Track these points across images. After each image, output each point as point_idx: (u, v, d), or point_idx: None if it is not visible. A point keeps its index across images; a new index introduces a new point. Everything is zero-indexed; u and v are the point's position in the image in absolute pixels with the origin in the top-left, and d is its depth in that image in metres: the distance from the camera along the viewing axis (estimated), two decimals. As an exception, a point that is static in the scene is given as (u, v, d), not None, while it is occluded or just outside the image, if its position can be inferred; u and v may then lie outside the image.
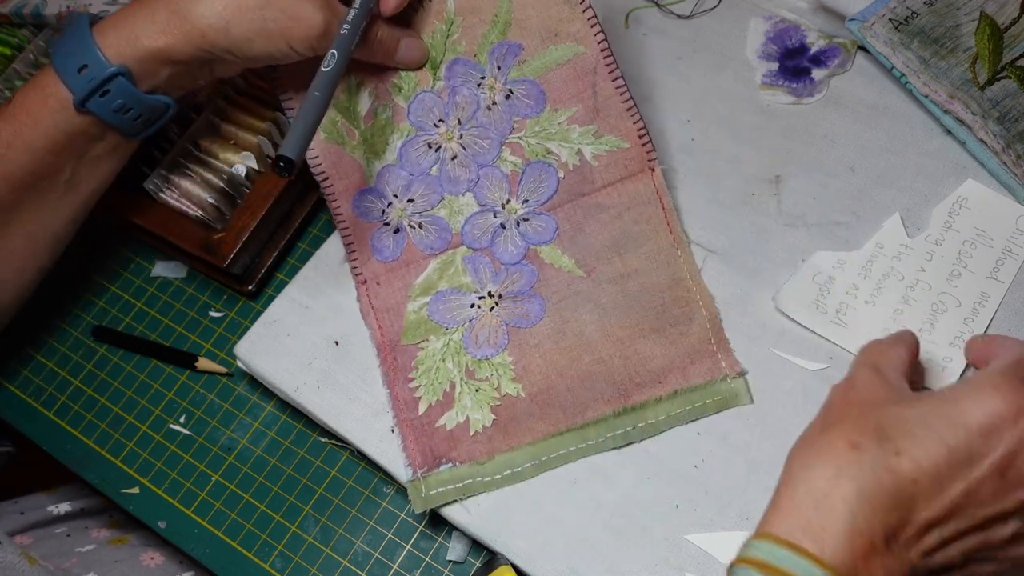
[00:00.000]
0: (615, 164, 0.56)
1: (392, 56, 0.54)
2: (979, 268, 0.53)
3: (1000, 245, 0.53)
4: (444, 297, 0.55)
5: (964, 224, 0.54)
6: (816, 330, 0.52)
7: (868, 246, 0.54)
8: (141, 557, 0.55)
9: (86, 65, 0.47)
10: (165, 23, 0.47)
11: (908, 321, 0.52)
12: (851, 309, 0.53)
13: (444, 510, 0.50)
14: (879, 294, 0.53)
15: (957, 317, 0.51)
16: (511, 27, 0.56)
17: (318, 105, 0.47)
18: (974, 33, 0.57)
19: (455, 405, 0.52)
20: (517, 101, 0.56)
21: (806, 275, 0.54)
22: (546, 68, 0.56)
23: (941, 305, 0.52)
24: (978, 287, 0.52)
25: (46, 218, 0.52)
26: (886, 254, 0.54)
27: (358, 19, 0.49)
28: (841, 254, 0.54)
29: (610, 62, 0.56)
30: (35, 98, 0.48)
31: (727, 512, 0.49)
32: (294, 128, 0.47)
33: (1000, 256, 0.53)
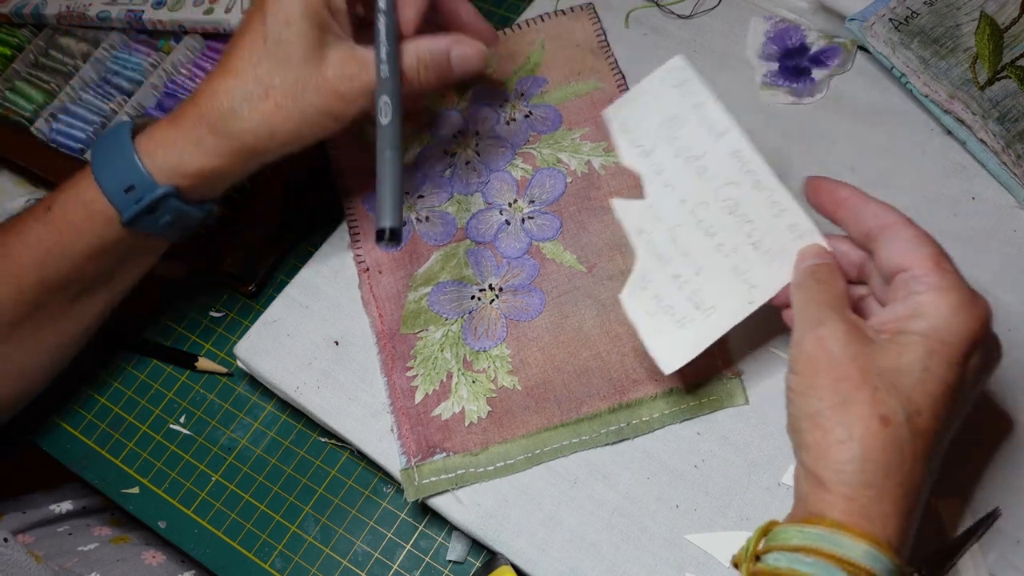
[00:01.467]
0: (623, 174, 0.57)
1: (449, 73, 0.49)
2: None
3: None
4: (445, 288, 0.55)
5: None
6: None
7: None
8: (143, 556, 0.55)
9: (133, 186, 0.46)
10: (212, 146, 0.46)
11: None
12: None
13: (443, 508, 0.50)
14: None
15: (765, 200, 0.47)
16: (540, 67, 0.62)
17: (394, 161, 0.44)
18: (974, 33, 0.57)
19: (451, 395, 0.52)
20: (535, 120, 0.60)
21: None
22: (565, 98, 0.61)
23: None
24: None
25: (78, 315, 0.51)
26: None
27: (391, 55, 0.46)
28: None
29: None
30: (76, 209, 0.47)
31: (727, 512, 0.49)
32: (380, 195, 0.44)
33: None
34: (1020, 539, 0.46)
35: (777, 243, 0.45)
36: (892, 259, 0.40)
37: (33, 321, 0.49)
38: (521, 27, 0.64)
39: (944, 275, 0.39)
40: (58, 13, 0.68)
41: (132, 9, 0.66)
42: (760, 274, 0.45)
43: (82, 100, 0.66)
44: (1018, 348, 0.51)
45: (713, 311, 0.46)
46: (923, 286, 0.39)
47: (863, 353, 0.38)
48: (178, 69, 0.65)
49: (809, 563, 0.36)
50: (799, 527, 0.37)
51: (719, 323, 0.46)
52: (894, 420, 0.37)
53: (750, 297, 0.45)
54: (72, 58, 0.68)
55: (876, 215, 0.41)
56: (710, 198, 0.47)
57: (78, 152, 0.63)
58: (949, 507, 0.47)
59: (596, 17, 0.64)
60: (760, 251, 0.46)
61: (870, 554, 0.35)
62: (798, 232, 0.45)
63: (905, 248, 0.40)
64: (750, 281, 0.46)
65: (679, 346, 0.46)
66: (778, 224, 0.45)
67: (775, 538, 0.38)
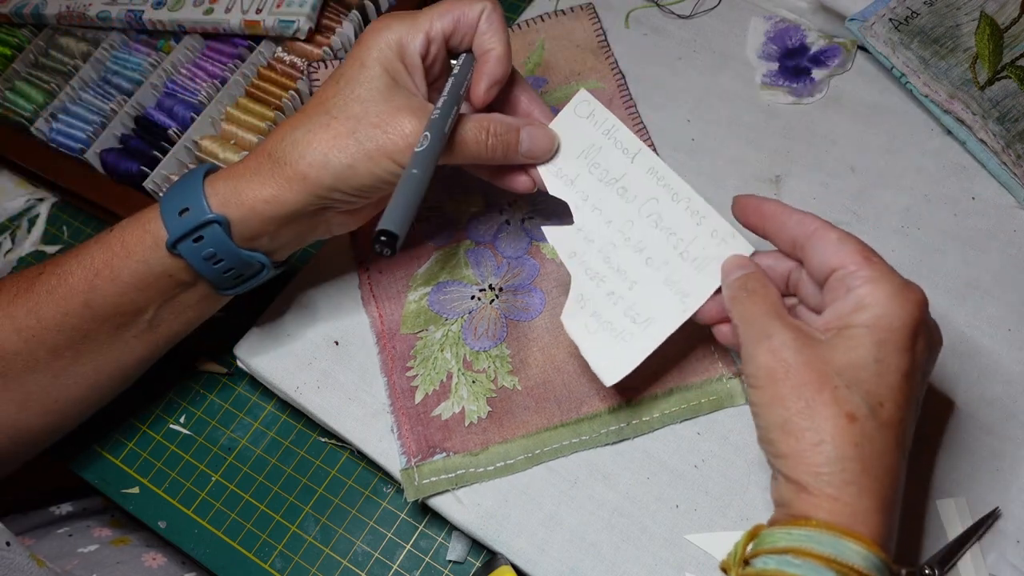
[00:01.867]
0: None
1: (515, 150, 0.49)
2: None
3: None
4: (445, 288, 0.55)
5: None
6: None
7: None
8: (143, 558, 0.55)
9: (188, 208, 0.46)
10: (269, 172, 0.46)
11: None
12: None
13: (443, 508, 0.50)
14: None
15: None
16: (540, 67, 0.62)
17: (417, 180, 0.43)
18: (974, 33, 0.57)
19: (451, 395, 0.52)
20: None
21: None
22: (566, 98, 0.60)
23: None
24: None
25: (119, 352, 0.51)
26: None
27: (448, 105, 0.46)
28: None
29: (625, 94, 0.61)
30: (133, 231, 0.48)
31: (727, 512, 0.49)
32: (393, 201, 0.43)
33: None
34: (1020, 539, 0.46)
35: (703, 250, 0.47)
36: (823, 261, 0.41)
37: (74, 351, 0.49)
38: (521, 27, 0.64)
39: (875, 267, 0.40)
40: (58, 13, 0.68)
41: (132, 9, 0.66)
42: (691, 282, 0.47)
43: (82, 100, 0.66)
44: (1019, 348, 0.51)
45: (650, 323, 0.48)
46: (858, 280, 0.40)
47: (816, 355, 0.39)
48: (178, 69, 0.65)
49: (798, 564, 0.36)
50: (786, 529, 0.37)
51: (657, 333, 0.47)
52: (859, 415, 0.38)
53: (683, 305, 0.47)
54: (72, 58, 0.68)
55: (800, 223, 0.43)
56: (634, 216, 0.49)
57: (78, 152, 0.63)
58: (949, 507, 0.47)
59: (596, 17, 0.64)
60: (688, 260, 0.48)
61: (857, 552, 0.36)
62: (720, 236, 0.47)
63: (833, 249, 0.41)
64: (682, 290, 0.47)
65: (620, 358, 0.47)
66: (700, 232, 0.48)
67: (762, 542, 0.38)
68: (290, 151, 0.46)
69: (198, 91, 0.64)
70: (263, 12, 0.63)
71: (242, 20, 0.64)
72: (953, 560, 0.46)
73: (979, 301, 0.52)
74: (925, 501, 0.48)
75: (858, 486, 0.37)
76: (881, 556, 0.36)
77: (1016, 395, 0.50)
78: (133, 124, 0.64)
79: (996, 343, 0.51)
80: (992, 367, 0.50)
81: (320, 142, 0.46)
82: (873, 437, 0.38)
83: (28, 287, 0.48)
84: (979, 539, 0.46)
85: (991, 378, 0.50)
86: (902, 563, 0.39)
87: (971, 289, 0.53)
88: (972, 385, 0.50)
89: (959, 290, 0.53)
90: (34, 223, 0.68)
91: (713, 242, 0.47)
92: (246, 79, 0.64)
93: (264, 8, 0.64)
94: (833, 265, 0.41)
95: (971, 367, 0.51)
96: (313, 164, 0.45)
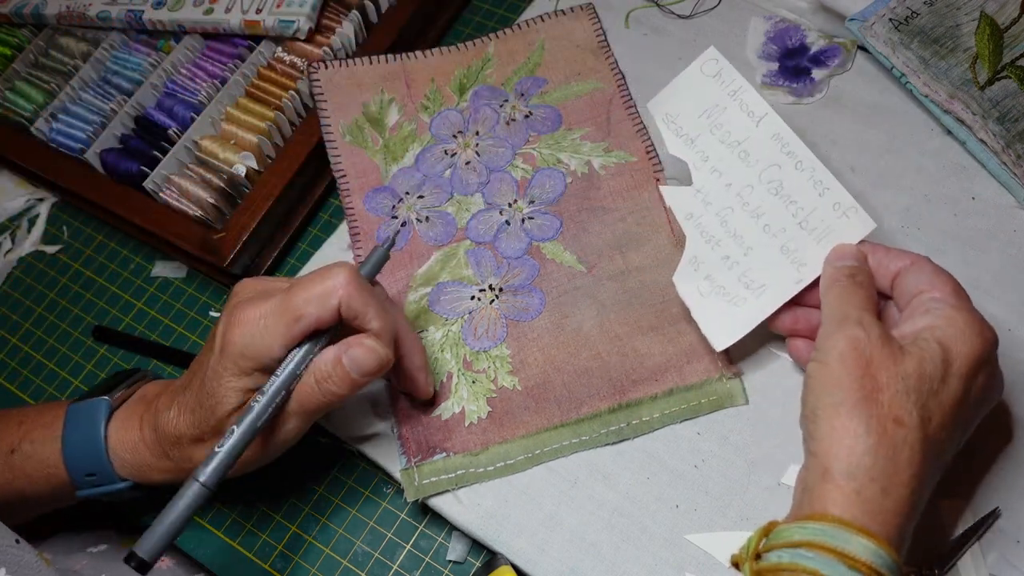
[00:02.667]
0: (622, 175, 0.58)
1: (351, 382, 0.45)
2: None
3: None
4: (445, 288, 0.55)
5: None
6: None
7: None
8: None
9: (94, 474, 0.48)
10: (165, 458, 0.47)
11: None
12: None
13: (443, 508, 0.50)
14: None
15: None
16: (540, 67, 0.62)
17: (196, 496, 0.42)
18: (974, 33, 0.57)
19: (451, 395, 0.52)
20: (535, 120, 0.60)
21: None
22: (566, 98, 0.61)
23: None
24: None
25: (25, 514, 0.52)
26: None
27: (272, 396, 0.44)
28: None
29: (625, 95, 0.61)
30: (38, 468, 0.49)
31: (727, 512, 0.49)
32: (160, 520, 0.41)
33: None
34: (1020, 539, 0.46)
35: (823, 222, 0.47)
36: (916, 285, 0.43)
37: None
38: (521, 27, 0.64)
39: (961, 299, 0.43)
40: (58, 13, 0.68)
41: (132, 9, 0.66)
42: (808, 252, 0.47)
43: (82, 100, 0.66)
44: (1019, 348, 0.51)
45: (764, 290, 0.47)
46: (942, 304, 0.42)
47: (888, 355, 0.40)
48: (178, 69, 0.65)
49: (810, 557, 0.36)
50: (800, 524, 0.38)
51: (769, 301, 0.47)
52: (908, 422, 0.38)
53: (799, 275, 0.47)
54: (72, 58, 0.68)
55: (901, 256, 0.45)
56: (755, 181, 0.48)
57: (78, 152, 0.63)
58: (949, 507, 0.47)
59: (596, 17, 0.64)
60: (806, 230, 0.47)
61: (871, 549, 0.36)
62: (842, 210, 0.47)
63: (929, 276, 0.43)
64: (798, 260, 0.47)
65: (731, 324, 0.47)
66: (822, 203, 0.47)
67: (777, 537, 0.39)
68: (192, 452, 0.46)
69: (198, 91, 0.64)
70: (263, 12, 0.63)
71: (242, 20, 0.64)
72: (953, 560, 0.46)
73: (979, 301, 0.52)
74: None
75: (882, 486, 0.38)
76: (893, 556, 0.37)
77: (1016, 395, 0.50)
78: (133, 124, 0.64)
79: (996, 343, 0.51)
80: (992, 367, 0.50)
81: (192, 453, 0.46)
82: (913, 445, 0.38)
83: None
84: (979, 539, 0.46)
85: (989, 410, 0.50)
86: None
87: (971, 289, 0.52)
88: (972, 385, 0.50)
89: (959, 290, 0.53)
90: (34, 223, 0.68)
91: (834, 214, 0.47)
92: (246, 79, 0.64)
93: (264, 8, 0.64)
94: (923, 288, 0.43)
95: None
96: (197, 446, 0.46)
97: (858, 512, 0.37)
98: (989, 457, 0.48)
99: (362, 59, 0.63)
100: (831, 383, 0.40)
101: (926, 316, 0.42)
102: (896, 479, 0.38)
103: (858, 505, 0.37)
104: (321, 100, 0.61)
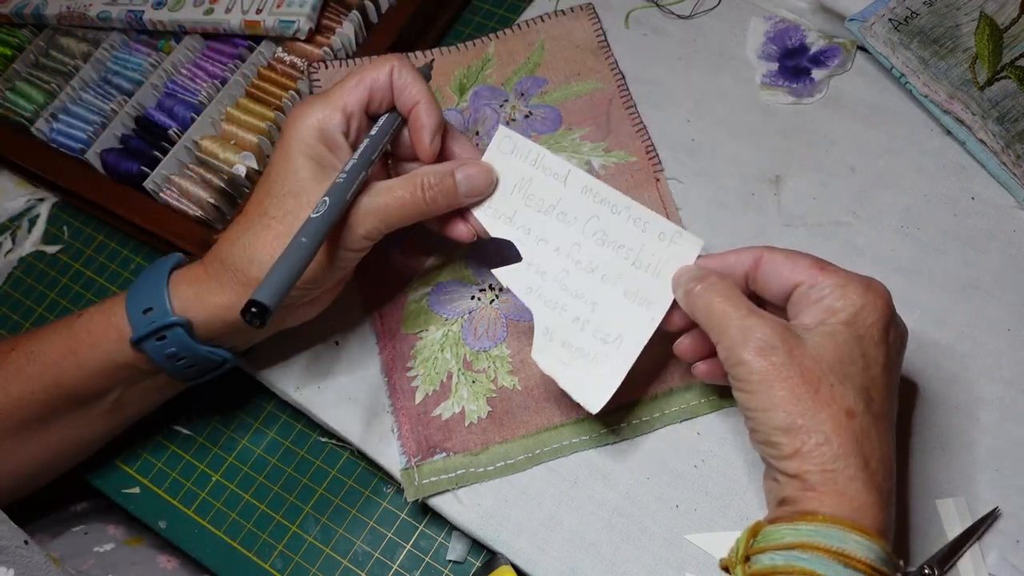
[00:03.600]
0: (622, 174, 0.58)
1: (455, 194, 0.48)
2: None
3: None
4: (445, 288, 0.55)
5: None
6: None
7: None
8: (158, 559, 0.55)
9: (152, 308, 0.47)
10: (225, 279, 0.47)
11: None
12: None
13: (443, 508, 0.50)
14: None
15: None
16: (539, 67, 0.62)
17: (303, 248, 0.43)
18: (974, 33, 0.57)
19: (451, 395, 0.52)
20: (535, 120, 0.60)
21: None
22: (566, 98, 0.61)
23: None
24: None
25: (84, 428, 0.52)
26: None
27: (356, 168, 0.46)
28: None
29: (625, 95, 0.61)
30: (99, 322, 0.49)
31: (727, 512, 0.49)
32: (273, 270, 0.42)
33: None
34: (1020, 539, 0.46)
35: (654, 255, 0.48)
36: (780, 283, 0.43)
37: (41, 422, 0.50)
38: (521, 27, 0.64)
39: (835, 274, 0.42)
40: (58, 13, 0.68)
41: (132, 9, 0.66)
42: (651, 290, 0.48)
43: (82, 100, 0.66)
44: (1019, 348, 0.51)
45: (621, 339, 0.47)
46: (824, 289, 0.41)
47: (805, 353, 0.39)
48: (178, 69, 0.65)
49: (806, 558, 0.37)
50: (792, 525, 0.38)
51: (630, 349, 0.47)
52: (857, 410, 0.39)
53: (650, 314, 0.47)
54: (72, 58, 0.68)
55: (741, 257, 0.45)
56: (580, 238, 0.49)
57: (78, 152, 0.63)
58: (949, 507, 0.47)
59: (596, 17, 0.64)
60: (642, 268, 0.48)
61: (863, 544, 0.36)
62: (668, 238, 0.48)
63: (788, 268, 0.43)
64: (645, 299, 0.47)
65: (600, 383, 0.47)
66: (647, 238, 0.48)
67: (766, 538, 0.39)
68: (239, 257, 0.47)
69: (198, 91, 0.64)
70: (263, 12, 0.63)
71: (242, 20, 0.64)
72: (953, 560, 0.46)
73: (979, 301, 0.52)
74: (925, 501, 0.48)
75: (861, 481, 0.38)
76: (885, 548, 0.37)
77: (1016, 395, 0.50)
78: (133, 124, 0.64)
79: (996, 343, 0.51)
80: (992, 367, 0.50)
81: (264, 244, 0.46)
82: (869, 431, 0.39)
83: (1, 362, 0.50)
84: (979, 539, 0.46)
85: (991, 378, 0.50)
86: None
87: (971, 289, 0.53)
88: (972, 385, 0.50)
89: (959, 290, 0.53)
90: (34, 223, 0.68)
91: (662, 245, 0.48)
92: (246, 79, 0.64)
93: (264, 8, 0.64)
94: (794, 282, 0.42)
95: (971, 367, 0.51)
96: (263, 268, 0.45)
97: (847, 511, 0.37)
98: (989, 457, 0.48)
99: (362, 60, 0.63)
100: (768, 406, 0.39)
101: (818, 305, 0.41)
102: (868, 470, 0.38)
103: (845, 504, 0.38)
104: None
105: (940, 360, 0.51)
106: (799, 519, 0.38)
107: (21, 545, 0.43)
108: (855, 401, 0.39)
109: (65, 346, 0.49)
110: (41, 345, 0.50)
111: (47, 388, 0.49)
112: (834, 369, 0.39)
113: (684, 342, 0.47)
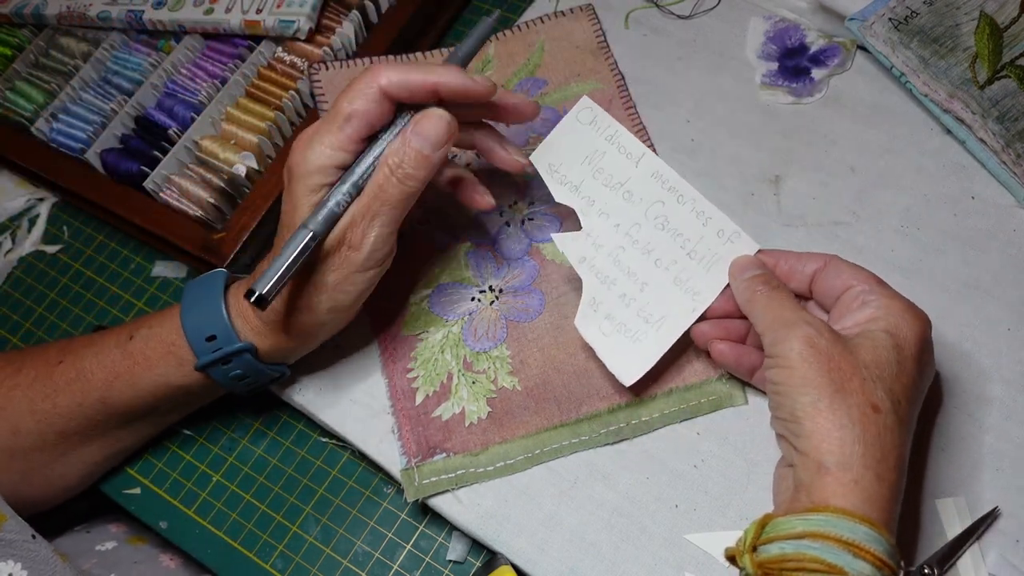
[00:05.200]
0: None
1: (427, 159, 0.45)
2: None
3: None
4: (445, 290, 0.55)
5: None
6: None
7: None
8: (160, 558, 0.55)
9: (215, 336, 0.47)
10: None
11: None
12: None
13: (443, 508, 0.50)
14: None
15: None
16: (539, 68, 0.62)
17: (304, 240, 0.43)
18: (974, 32, 0.57)
19: (451, 396, 0.52)
20: (535, 121, 0.59)
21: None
22: (565, 99, 0.61)
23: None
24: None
25: (126, 438, 0.53)
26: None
27: (368, 168, 0.45)
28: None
29: (625, 95, 0.61)
30: (156, 347, 0.49)
31: (727, 512, 0.49)
32: (272, 263, 0.43)
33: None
34: (1020, 539, 0.46)
35: (710, 250, 0.49)
36: (837, 283, 0.45)
37: (82, 436, 0.51)
38: (521, 28, 0.64)
39: (887, 288, 0.44)
40: (58, 13, 0.68)
41: (132, 9, 0.66)
42: (700, 280, 0.49)
43: (82, 100, 0.66)
44: (1019, 348, 0.51)
45: (663, 322, 0.49)
46: (873, 295, 0.43)
47: (846, 348, 0.41)
48: (178, 69, 0.65)
49: (816, 547, 0.37)
50: (802, 516, 0.38)
51: (670, 332, 0.49)
52: (883, 407, 0.40)
53: (694, 303, 0.49)
54: (72, 58, 0.68)
55: (814, 259, 0.47)
56: (641, 219, 0.50)
57: (78, 152, 0.63)
58: (949, 507, 0.47)
59: (596, 18, 0.64)
60: (696, 259, 0.49)
61: (873, 537, 0.37)
62: (726, 236, 0.49)
63: (849, 272, 0.45)
64: (692, 289, 0.49)
65: (636, 359, 0.49)
66: (707, 232, 0.49)
67: (775, 529, 0.39)
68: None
69: (198, 91, 0.64)
70: (263, 12, 0.63)
71: (242, 20, 0.64)
72: (953, 560, 0.46)
73: (979, 301, 0.52)
74: (925, 501, 0.48)
75: (876, 473, 0.39)
76: (892, 542, 0.38)
77: (1016, 395, 0.50)
78: (133, 124, 0.64)
79: (996, 343, 0.51)
80: (992, 367, 0.51)
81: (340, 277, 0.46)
82: (892, 429, 0.40)
83: (48, 373, 0.50)
84: (979, 539, 0.46)
85: (991, 378, 0.50)
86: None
87: (971, 289, 0.53)
88: (972, 385, 0.50)
89: (959, 290, 0.53)
90: (34, 223, 0.68)
91: (719, 241, 0.49)
92: (246, 79, 0.64)
93: (264, 8, 0.64)
94: (848, 284, 0.44)
95: (971, 367, 0.51)
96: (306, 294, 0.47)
97: (858, 501, 0.38)
98: (989, 457, 0.48)
99: (362, 59, 0.63)
100: (801, 384, 0.41)
101: (864, 309, 0.43)
102: (885, 464, 0.39)
103: (857, 494, 0.38)
104: (322, 101, 0.61)
105: (940, 360, 0.51)
106: (811, 510, 0.38)
107: (29, 540, 0.43)
108: (883, 399, 0.40)
109: (120, 366, 0.49)
110: (91, 362, 0.50)
111: (94, 404, 0.49)
112: (869, 367, 0.41)
113: (707, 328, 0.49)
